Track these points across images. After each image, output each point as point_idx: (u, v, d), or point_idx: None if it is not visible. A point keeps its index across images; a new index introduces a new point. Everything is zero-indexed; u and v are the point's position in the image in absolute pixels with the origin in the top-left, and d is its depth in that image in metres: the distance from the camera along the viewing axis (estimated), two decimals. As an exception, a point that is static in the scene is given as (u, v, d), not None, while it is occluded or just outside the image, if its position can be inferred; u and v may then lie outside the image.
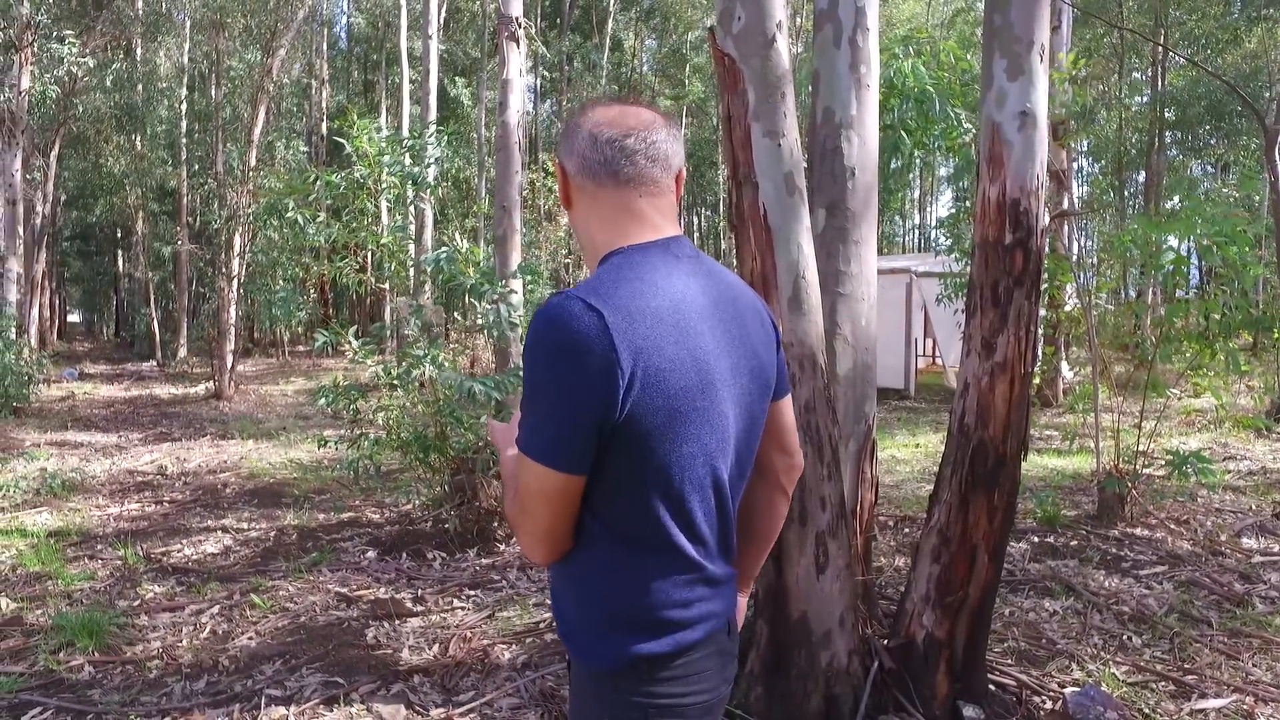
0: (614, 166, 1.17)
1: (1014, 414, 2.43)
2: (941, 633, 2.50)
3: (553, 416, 1.06)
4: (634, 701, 1.15)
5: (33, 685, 3.08)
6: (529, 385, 1.09)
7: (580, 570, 1.16)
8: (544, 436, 1.07)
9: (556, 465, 1.06)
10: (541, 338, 1.06)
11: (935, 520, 2.55)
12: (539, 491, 1.09)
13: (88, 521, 5.49)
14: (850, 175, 2.97)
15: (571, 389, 1.04)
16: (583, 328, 1.03)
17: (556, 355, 1.04)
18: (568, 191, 1.23)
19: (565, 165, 1.21)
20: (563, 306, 1.06)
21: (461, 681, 3.07)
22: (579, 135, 1.19)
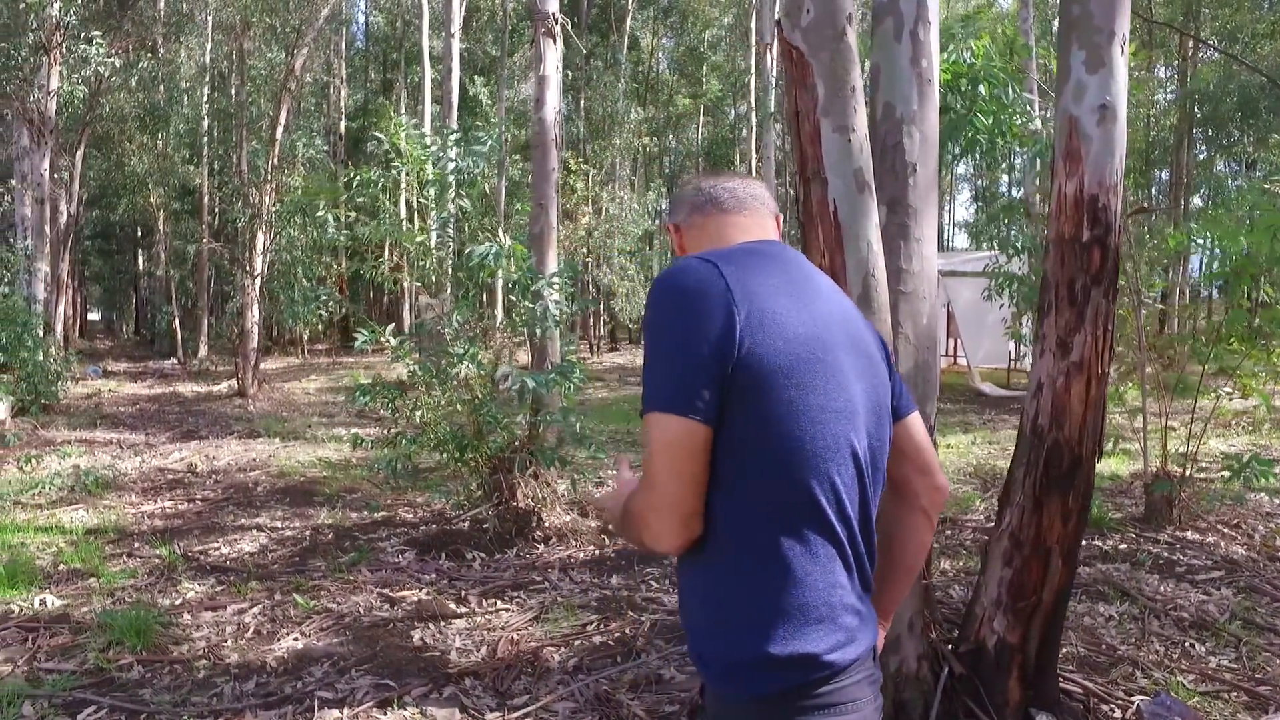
0: (718, 200, 1.34)
1: (1090, 415, 2.37)
2: (1014, 638, 2.44)
3: (675, 362, 1.06)
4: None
5: (85, 684, 3.07)
6: (650, 347, 1.11)
7: (716, 574, 1.09)
8: (669, 384, 1.07)
9: (683, 409, 1.04)
10: (659, 295, 1.11)
11: (1007, 523, 2.49)
12: (666, 447, 1.05)
13: (123, 519, 5.50)
14: (912, 171, 2.91)
15: (691, 329, 1.06)
16: (698, 274, 1.10)
17: (673, 303, 1.09)
18: (681, 241, 1.37)
19: (677, 222, 1.38)
20: (678, 264, 1.15)
21: (513, 685, 3.03)
22: (682, 194, 1.39)
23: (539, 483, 4.90)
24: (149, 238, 22.14)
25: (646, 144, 21.57)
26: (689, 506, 1.08)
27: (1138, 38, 16.93)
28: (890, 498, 1.29)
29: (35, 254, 11.25)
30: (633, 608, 3.76)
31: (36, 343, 8.73)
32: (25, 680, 3.08)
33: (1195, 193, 17.75)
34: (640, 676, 3.02)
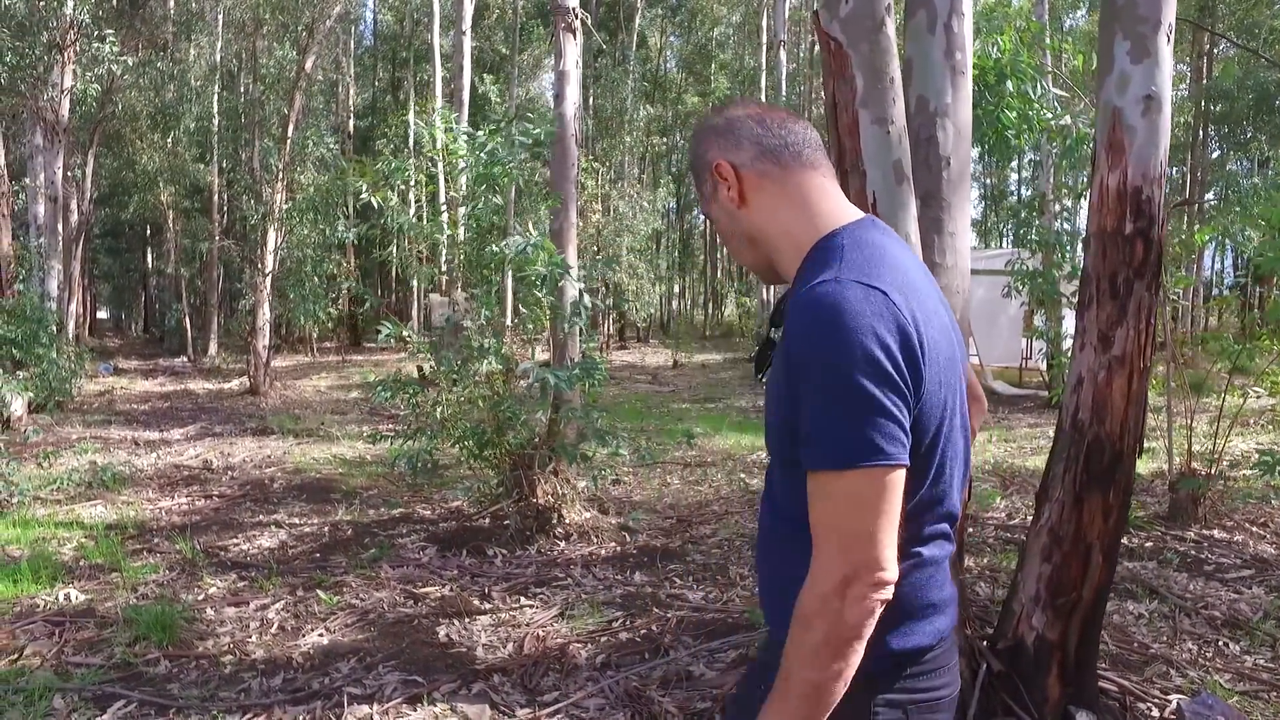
0: (797, 149, 1.13)
1: (1132, 410, 2.34)
2: (1054, 635, 2.41)
3: (863, 404, 0.94)
4: (892, 700, 1.06)
5: (113, 678, 3.07)
6: (816, 386, 0.97)
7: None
8: (859, 437, 0.94)
9: (884, 460, 0.95)
10: (828, 330, 0.96)
11: (1045, 519, 2.46)
12: (867, 505, 0.95)
13: (141, 515, 5.51)
14: (945, 165, 2.88)
15: (878, 377, 0.95)
16: (873, 306, 0.97)
17: (851, 337, 0.95)
18: (741, 189, 1.14)
19: (733, 160, 1.14)
20: (840, 292, 0.98)
21: (542, 681, 3.02)
22: (740, 126, 1.15)
23: (559, 479, 4.88)
24: (158, 236, 22.24)
25: (655, 143, 21.53)
26: (892, 552, 1.00)
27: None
28: None
29: (49, 252, 11.29)
30: (658, 604, 3.74)
31: (51, 340, 8.76)
32: (54, 673, 3.08)
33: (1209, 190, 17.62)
34: (670, 673, 3.01)
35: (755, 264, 1.20)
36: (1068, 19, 19.91)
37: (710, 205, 1.19)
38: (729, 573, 4.18)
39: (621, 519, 5.06)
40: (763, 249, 1.16)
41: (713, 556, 4.45)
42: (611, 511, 5.25)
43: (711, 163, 1.16)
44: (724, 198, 1.16)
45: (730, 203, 1.15)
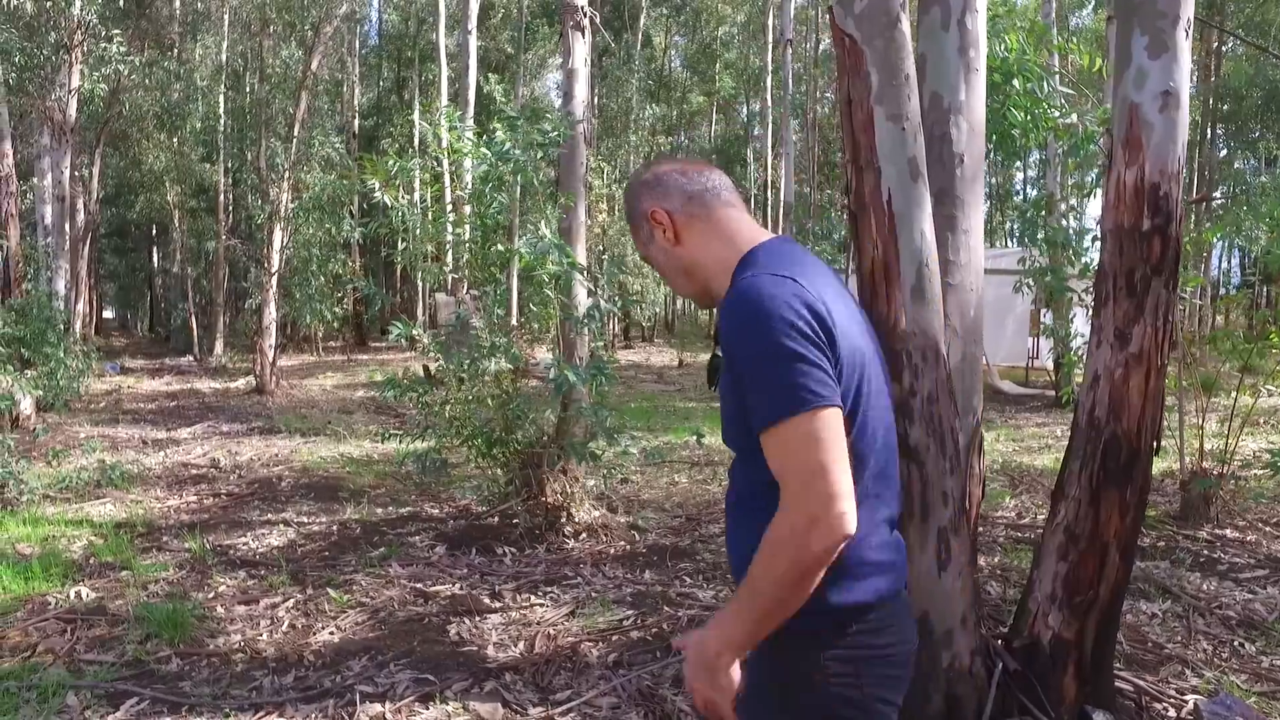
0: (715, 191, 1.36)
1: (1149, 407, 2.33)
2: (1070, 634, 2.40)
3: (790, 359, 1.11)
4: (840, 655, 1.18)
5: (125, 675, 3.07)
6: (749, 359, 1.14)
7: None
8: (793, 387, 1.11)
9: (819, 401, 1.10)
10: (749, 311, 1.14)
11: (1061, 517, 2.45)
12: (815, 442, 1.10)
13: (150, 513, 5.52)
14: (959, 162, 2.87)
15: (797, 336, 1.12)
16: (783, 288, 1.15)
17: (770, 309, 1.13)
18: (676, 230, 1.34)
19: (666, 208, 1.34)
20: (755, 282, 1.17)
21: (554, 680, 3.01)
22: (667, 179, 1.36)
23: (568, 478, 4.88)
24: (164, 236, 22.30)
25: (661, 142, 21.53)
26: (849, 483, 1.14)
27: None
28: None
29: (56, 251, 11.33)
30: (668, 603, 3.73)
31: (59, 338, 8.77)
32: (67, 670, 3.09)
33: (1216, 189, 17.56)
34: (682, 672, 2.99)
35: (693, 292, 1.39)
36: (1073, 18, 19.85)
37: (648, 248, 1.38)
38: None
39: (631, 518, 5.06)
40: (698, 277, 1.35)
41: (722, 555, 4.43)
42: (620, 510, 5.25)
43: (647, 211, 1.35)
44: (660, 240, 1.36)
45: (667, 243, 1.35)
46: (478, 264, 4.85)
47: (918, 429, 2.43)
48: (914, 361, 2.43)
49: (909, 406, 2.44)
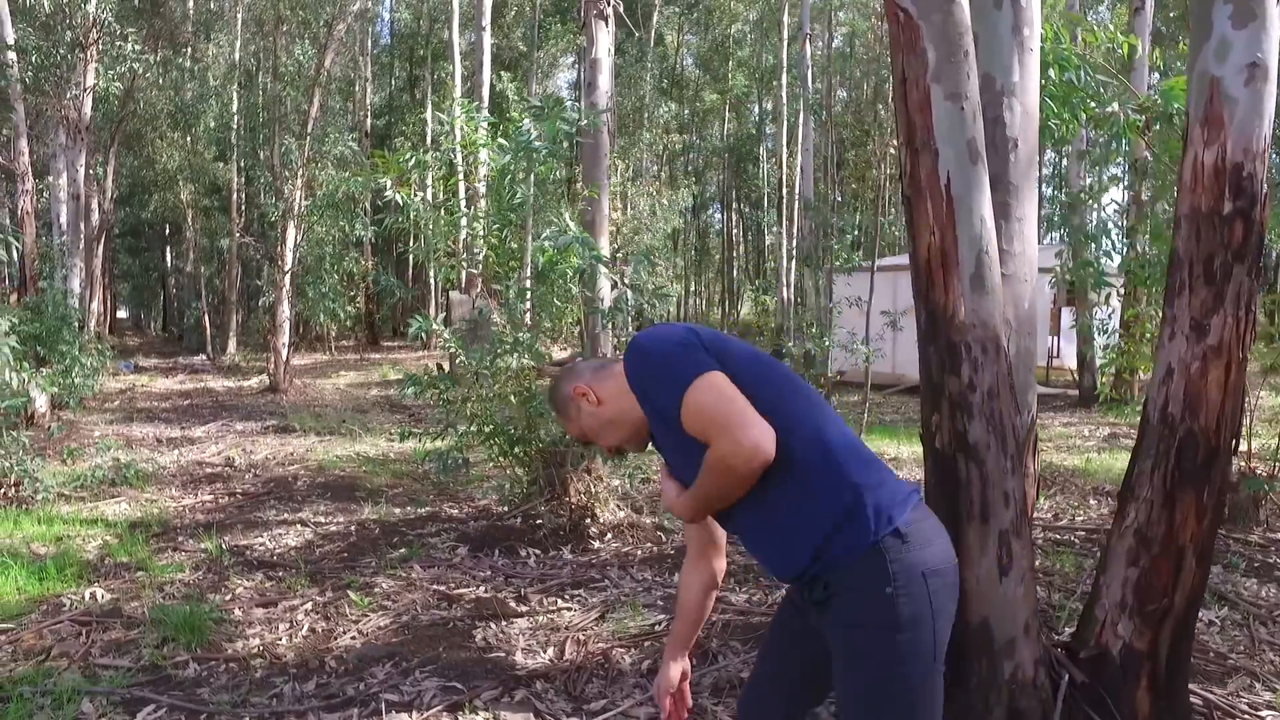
0: (602, 362, 1.79)
1: (1229, 402, 2.18)
2: (1142, 644, 2.26)
3: (677, 353, 1.50)
4: (908, 564, 1.41)
5: (142, 681, 2.96)
6: (660, 355, 1.52)
7: (797, 487, 1.46)
8: (682, 365, 1.47)
9: (707, 366, 1.46)
10: (647, 338, 1.57)
11: (1131, 519, 2.30)
12: (716, 393, 1.43)
13: (165, 512, 5.43)
14: (1013, 147, 2.72)
15: (677, 340, 1.53)
16: (667, 329, 1.58)
17: (658, 343, 1.55)
18: (599, 395, 1.65)
19: (585, 383, 1.68)
20: (650, 331, 1.60)
21: (586, 688, 2.89)
22: (572, 369, 1.76)
23: (591, 477, 4.75)
24: (177, 235, 22.31)
25: (674, 140, 21.39)
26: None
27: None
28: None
29: (70, 250, 11.30)
30: (699, 608, 3.59)
31: (75, 336, 8.73)
32: (83, 675, 2.98)
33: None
34: (721, 680, 2.87)
35: (627, 436, 1.66)
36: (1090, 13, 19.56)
37: (579, 425, 1.69)
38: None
39: (656, 518, 4.93)
40: (624, 420, 1.63)
41: (752, 557, 4.29)
42: (645, 510, 5.12)
43: (570, 392, 1.68)
44: (588, 408, 1.66)
45: (592, 406, 1.65)
46: (496, 259, 4.74)
47: (977, 425, 2.30)
48: (973, 354, 2.29)
49: (967, 402, 2.30)
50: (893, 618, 1.39)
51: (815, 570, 1.47)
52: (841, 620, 1.45)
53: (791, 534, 1.48)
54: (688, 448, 1.50)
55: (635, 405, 1.60)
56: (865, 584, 1.41)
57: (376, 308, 22.82)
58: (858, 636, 1.43)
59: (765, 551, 1.57)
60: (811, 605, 1.53)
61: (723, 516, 1.59)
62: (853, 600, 1.43)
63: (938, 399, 2.35)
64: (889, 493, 1.47)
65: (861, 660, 1.43)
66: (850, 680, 1.46)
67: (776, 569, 1.57)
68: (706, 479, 1.47)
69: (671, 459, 1.62)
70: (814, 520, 1.45)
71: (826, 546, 1.44)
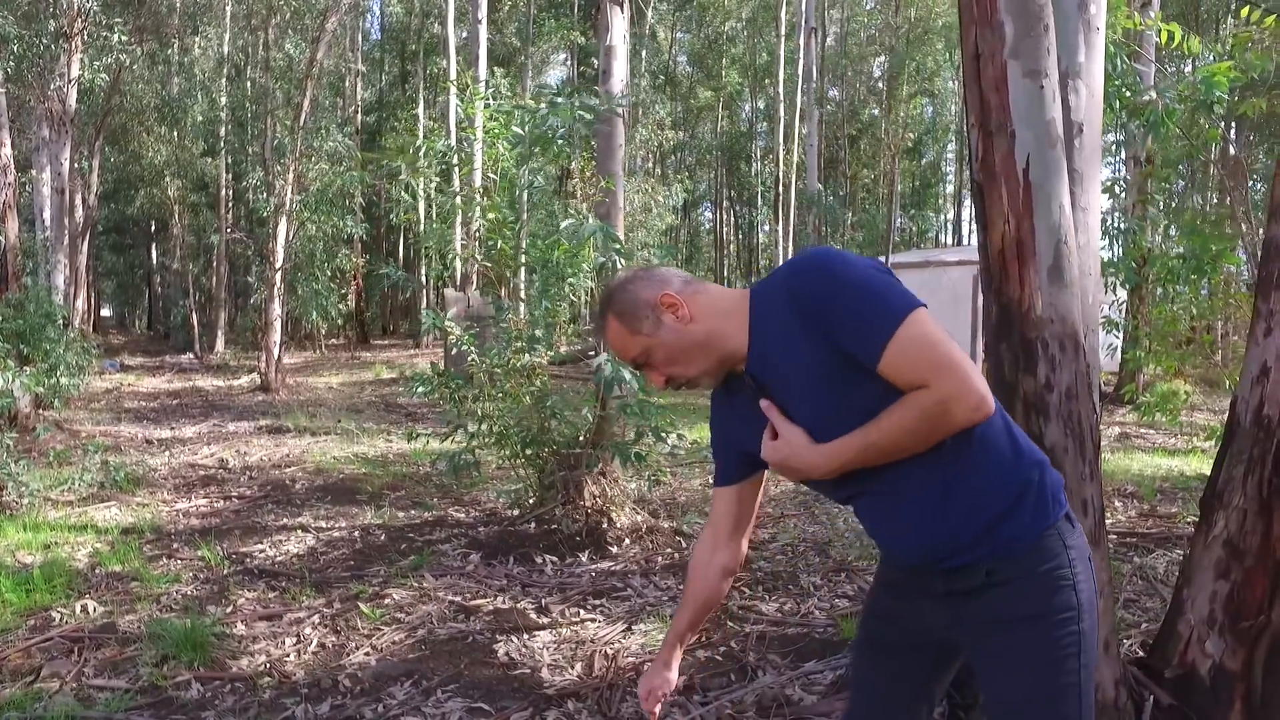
0: (686, 273, 1.50)
1: (1331, 404, 2.02)
2: (1235, 664, 2.10)
3: (883, 285, 1.28)
4: (1080, 548, 1.32)
5: (141, 704, 2.75)
6: (859, 284, 1.27)
7: (985, 458, 1.29)
8: (896, 296, 1.27)
9: (918, 302, 1.26)
10: (836, 261, 1.31)
11: (1219, 529, 2.15)
12: (938, 331, 1.25)
13: (158, 517, 5.20)
14: (1078, 132, 2.55)
15: (873, 269, 1.31)
16: (845, 253, 1.35)
17: (848, 261, 1.31)
18: (690, 310, 1.40)
19: (673, 290, 1.41)
20: (828, 249, 1.36)
21: (621, 708, 2.70)
22: (657, 271, 1.47)
23: (607, 480, 4.57)
24: (164, 231, 21.91)
25: (669, 136, 21.23)
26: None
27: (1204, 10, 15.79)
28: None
29: (54, 245, 10.99)
30: (731, 618, 3.42)
31: (59, 334, 8.44)
32: (76, 699, 2.77)
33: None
34: (765, 698, 2.69)
35: (707, 368, 1.42)
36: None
37: (653, 338, 1.40)
38: (800, 582, 3.87)
39: (674, 523, 4.75)
40: (714, 347, 1.40)
41: (779, 564, 4.13)
42: (661, 515, 4.94)
43: (654, 299, 1.40)
44: (671, 323, 1.40)
45: (680, 323, 1.39)
46: (508, 252, 4.54)
47: (1054, 427, 2.13)
48: (1050, 351, 2.13)
49: (1044, 402, 2.14)
50: (1075, 604, 1.28)
51: (976, 554, 1.29)
52: (1011, 614, 1.29)
53: (961, 502, 1.28)
54: (852, 399, 1.27)
55: (737, 333, 1.37)
56: (1043, 570, 1.28)
57: (367, 305, 22.54)
58: (1036, 629, 1.28)
59: (905, 526, 1.34)
60: (952, 597, 1.34)
61: (861, 476, 1.33)
62: (1028, 590, 1.28)
63: (1011, 400, 2.18)
64: (1054, 473, 1.35)
65: (1044, 655, 1.28)
66: (1028, 681, 1.29)
67: (917, 549, 1.34)
68: (907, 422, 1.24)
69: (812, 411, 1.32)
70: (995, 493, 1.28)
71: (998, 525, 1.28)
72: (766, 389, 1.38)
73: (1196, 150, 5.05)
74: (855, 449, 1.28)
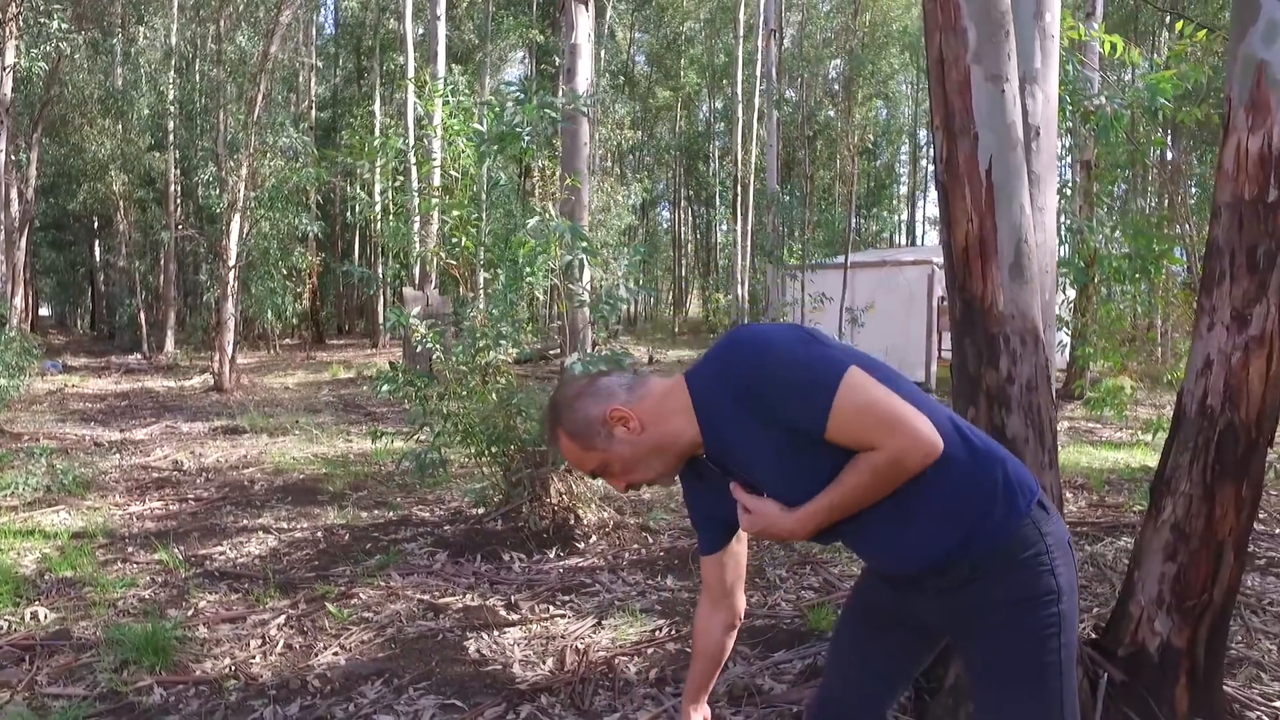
0: (629, 375, 1.50)
1: (1270, 394, 2.14)
2: (1181, 640, 2.21)
3: (804, 357, 1.33)
4: (1056, 533, 1.38)
5: (100, 711, 2.69)
6: (787, 362, 1.32)
7: (943, 473, 1.34)
8: (824, 364, 1.32)
9: (847, 363, 1.31)
10: (759, 342, 1.36)
11: (1167, 514, 2.25)
12: (875, 387, 1.30)
13: (110, 521, 5.05)
14: (1035, 135, 2.66)
15: (798, 340, 1.36)
16: (767, 330, 1.40)
17: (773, 336, 1.36)
18: (641, 419, 1.41)
19: (624, 403, 1.42)
20: (748, 330, 1.40)
21: (594, 701, 2.73)
22: (600, 383, 1.46)
23: (573, 477, 4.58)
24: (108, 228, 21.17)
25: (628, 135, 21.27)
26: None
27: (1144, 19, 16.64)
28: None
29: (-8, 241, 10.58)
30: (700, 612, 3.47)
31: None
32: (29, 708, 2.69)
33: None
34: (736, 689, 2.74)
35: (665, 469, 1.46)
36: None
37: (608, 453, 1.42)
38: (767, 575, 3.93)
39: (640, 519, 4.79)
40: (668, 448, 1.42)
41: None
42: (628, 511, 4.97)
43: (603, 415, 1.41)
44: (624, 435, 1.41)
45: (632, 434, 1.41)
46: (471, 250, 4.52)
47: (1016, 419, 2.22)
48: (1012, 346, 2.22)
49: (1006, 395, 2.23)
50: (1054, 586, 1.36)
51: (961, 555, 1.36)
52: (995, 600, 1.36)
53: (936, 523, 1.36)
54: (810, 465, 1.33)
55: (688, 428, 1.40)
56: (1022, 559, 1.35)
57: (322, 305, 22.10)
58: (1017, 613, 1.35)
59: (892, 548, 1.42)
60: (940, 594, 1.41)
61: (834, 526, 1.41)
62: (1010, 578, 1.36)
63: (974, 393, 2.27)
64: (1017, 463, 1.42)
65: (1027, 636, 1.35)
66: (1013, 661, 1.36)
67: (907, 563, 1.42)
68: (864, 482, 1.31)
69: (775, 482, 1.39)
70: (966, 505, 1.35)
71: (981, 528, 1.35)
72: (728, 469, 1.43)
73: (1141, 154, 5.27)
74: (824, 511, 1.35)
